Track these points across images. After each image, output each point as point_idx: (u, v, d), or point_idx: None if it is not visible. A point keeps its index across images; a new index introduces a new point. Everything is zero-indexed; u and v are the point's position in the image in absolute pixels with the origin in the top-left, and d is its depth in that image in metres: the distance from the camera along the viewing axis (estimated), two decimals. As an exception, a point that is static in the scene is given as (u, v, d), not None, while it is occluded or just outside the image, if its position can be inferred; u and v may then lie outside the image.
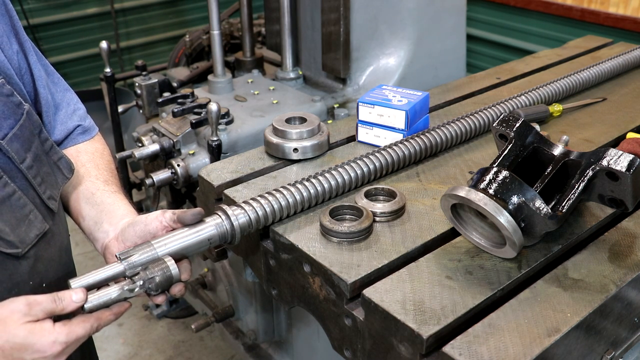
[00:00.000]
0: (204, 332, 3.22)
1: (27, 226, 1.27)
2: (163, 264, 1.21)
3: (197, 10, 5.26)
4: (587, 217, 1.43)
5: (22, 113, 1.26)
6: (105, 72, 2.72)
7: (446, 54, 2.80)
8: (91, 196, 1.44)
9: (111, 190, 1.46)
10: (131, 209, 1.43)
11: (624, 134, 1.81)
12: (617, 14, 3.62)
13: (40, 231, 1.30)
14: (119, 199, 1.45)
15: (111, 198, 1.44)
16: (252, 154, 1.77)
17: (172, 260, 1.22)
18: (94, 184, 1.46)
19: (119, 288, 1.18)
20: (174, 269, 1.21)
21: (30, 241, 1.28)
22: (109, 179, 1.49)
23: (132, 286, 1.18)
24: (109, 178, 1.50)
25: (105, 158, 1.55)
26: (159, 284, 1.20)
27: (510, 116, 1.42)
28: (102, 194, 1.44)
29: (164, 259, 1.22)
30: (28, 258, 1.29)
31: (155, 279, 1.19)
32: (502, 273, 1.24)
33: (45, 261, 1.34)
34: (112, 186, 1.48)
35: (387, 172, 1.63)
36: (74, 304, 1.12)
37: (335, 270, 1.26)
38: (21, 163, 1.25)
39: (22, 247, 1.26)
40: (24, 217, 1.26)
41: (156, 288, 1.20)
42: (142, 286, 1.19)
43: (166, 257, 1.22)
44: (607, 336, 1.24)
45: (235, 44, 3.37)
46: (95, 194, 1.44)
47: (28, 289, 1.30)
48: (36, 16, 4.57)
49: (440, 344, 1.08)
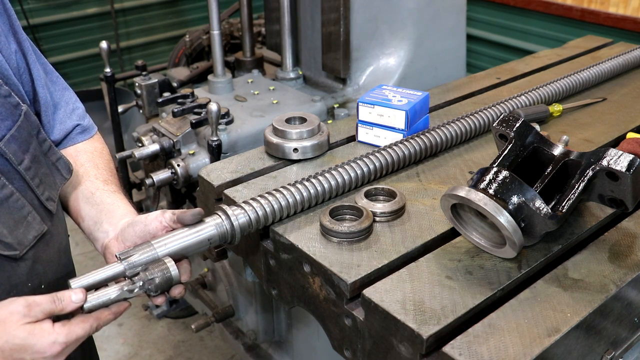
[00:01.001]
0: (204, 332, 3.22)
1: (25, 228, 1.26)
2: (163, 265, 1.21)
3: (197, 10, 5.26)
4: (587, 217, 1.43)
5: (20, 114, 1.26)
6: (105, 72, 2.72)
7: (446, 54, 2.80)
8: (91, 196, 1.44)
9: (111, 190, 1.46)
10: (131, 209, 1.42)
11: (624, 134, 1.81)
12: (617, 14, 3.62)
13: (39, 232, 1.30)
14: (119, 198, 1.44)
15: (111, 198, 1.44)
16: (252, 154, 1.77)
17: (172, 261, 1.22)
18: (94, 184, 1.46)
19: (119, 288, 1.18)
20: (173, 270, 1.21)
21: (28, 243, 1.27)
22: (109, 179, 1.49)
23: (132, 287, 1.18)
24: (109, 177, 1.50)
25: (105, 157, 1.55)
26: (158, 285, 1.20)
27: (510, 116, 1.42)
28: (101, 193, 1.44)
29: (164, 260, 1.22)
30: (26, 260, 1.28)
31: (155, 280, 1.19)
32: (502, 273, 1.24)
33: (43, 263, 1.34)
34: (112, 186, 1.48)
35: (387, 172, 1.63)
36: (73, 304, 1.12)
37: (335, 270, 1.26)
38: (19, 164, 1.24)
39: (20, 249, 1.25)
40: (22, 219, 1.26)
41: (156, 289, 1.20)
42: (142, 287, 1.18)
43: (166, 258, 1.22)
44: (607, 336, 1.24)
45: (235, 44, 3.37)
46: (94, 193, 1.44)
47: (27, 290, 1.29)
48: (36, 16, 4.57)
49: (440, 344, 1.08)
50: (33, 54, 1.38)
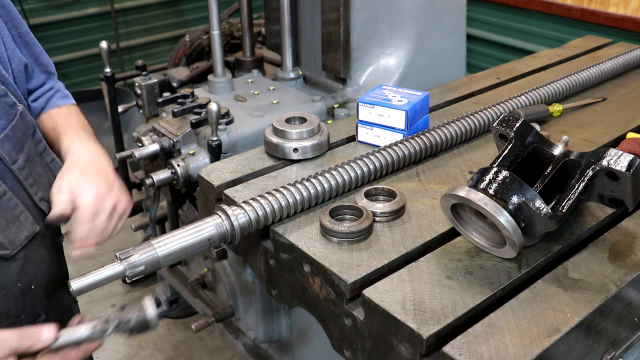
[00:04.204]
0: (204, 332, 3.22)
1: (17, 227, 1.26)
2: (141, 308, 1.15)
3: (197, 10, 5.26)
4: (587, 217, 1.43)
5: (16, 114, 1.26)
6: (105, 72, 2.72)
7: (446, 54, 2.80)
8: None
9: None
10: None
11: (624, 134, 1.81)
12: (617, 14, 3.62)
13: (31, 233, 1.30)
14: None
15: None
16: (252, 154, 1.77)
17: (152, 303, 1.16)
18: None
19: (92, 326, 1.12)
20: (150, 314, 1.15)
21: (20, 243, 1.27)
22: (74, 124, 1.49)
23: (104, 327, 1.13)
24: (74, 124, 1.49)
25: (81, 118, 1.54)
26: (133, 327, 1.14)
27: (510, 116, 1.42)
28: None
29: (143, 302, 1.16)
30: (17, 260, 1.28)
31: (130, 322, 1.14)
32: (502, 273, 1.24)
33: (34, 263, 1.33)
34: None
35: (387, 172, 1.63)
36: (41, 344, 1.07)
37: (335, 270, 1.26)
38: (12, 164, 1.24)
39: (11, 249, 1.25)
40: (15, 219, 1.25)
41: (130, 331, 1.15)
42: (116, 328, 1.13)
43: (147, 300, 1.17)
44: (607, 336, 1.24)
45: (235, 44, 3.38)
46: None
47: (16, 290, 1.29)
48: (36, 16, 4.57)
49: (440, 344, 1.08)
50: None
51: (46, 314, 1.39)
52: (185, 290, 2.80)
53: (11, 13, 1.36)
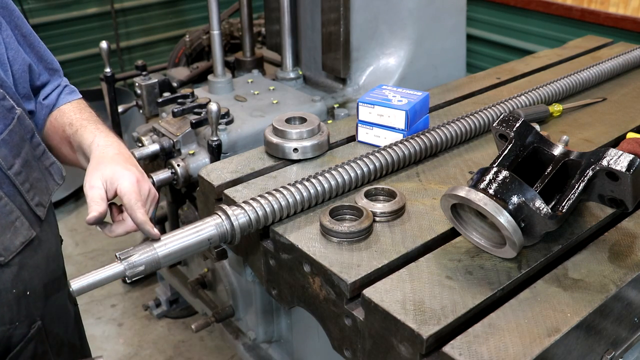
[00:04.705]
0: (204, 332, 3.22)
1: (12, 233, 1.24)
2: None
3: (197, 10, 5.26)
4: (587, 217, 1.43)
5: (14, 117, 1.24)
6: (105, 72, 2.72)
7: (446, 54, 2.80)
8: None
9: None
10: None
11: (624, 134, 1.81)
12: (617, 14, 3.62)
13: (27, 238, 1.28)
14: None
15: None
16: (252, 154, 1.77)
17: None
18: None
19: None
20: None
21: (15, 249, 1.26)
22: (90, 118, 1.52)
23: None
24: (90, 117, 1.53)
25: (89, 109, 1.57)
26: None
27: (510, 116, 1.42)
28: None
29: None
30: (12, 266, 1.26)
31: None
32: (502, 273, 1.24)
33: (30, 269, 1.32)
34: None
35: (387, 172, 1.63)
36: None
37: (335, 270, 1.26)
38: (9, 169, 1.22)
39: (5, 255, 1.23)
40: (10, 224, 1.24)
41: None
42: None
43: None
44: (607, 336, 1.24)
45: (235, 44, 3.37)
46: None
47: (11, 297, 1.27)
48: (36, 16, 4.57)
49: (440, 344, 1.08)
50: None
51: (42, 319, 1.37)
52: (185, 290, 2.80)
53: (14, 13, 1.36)
